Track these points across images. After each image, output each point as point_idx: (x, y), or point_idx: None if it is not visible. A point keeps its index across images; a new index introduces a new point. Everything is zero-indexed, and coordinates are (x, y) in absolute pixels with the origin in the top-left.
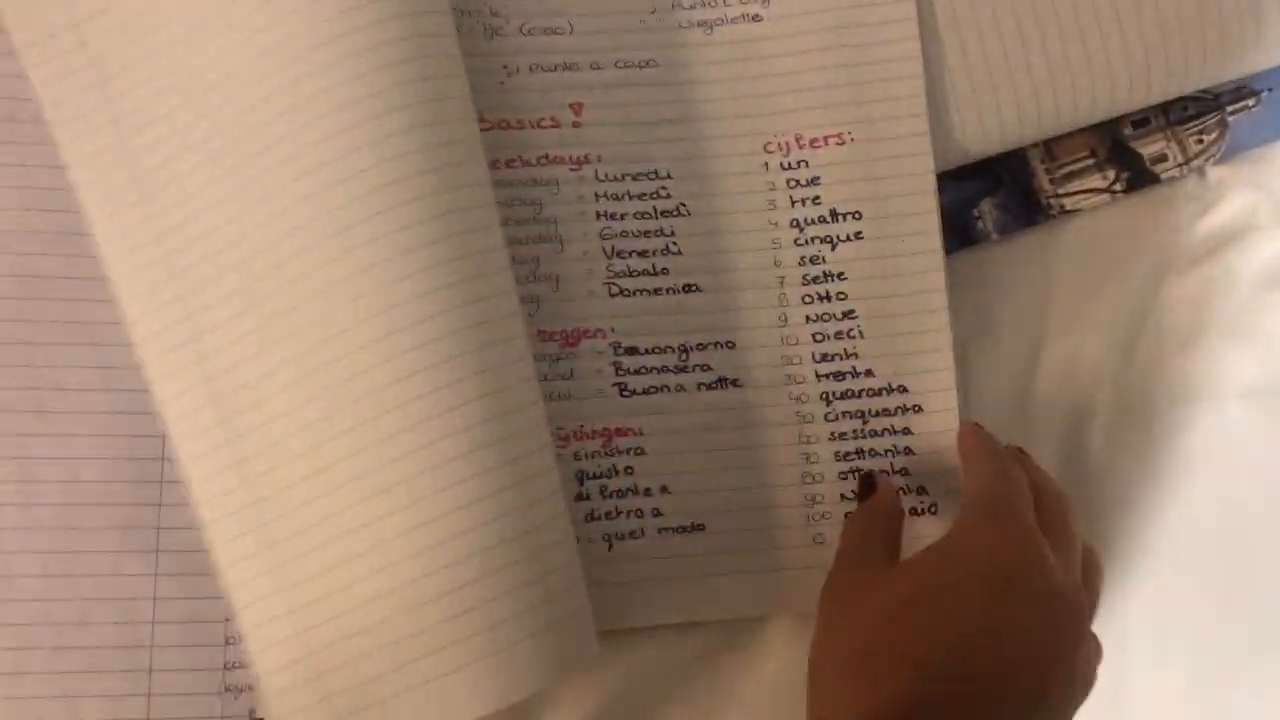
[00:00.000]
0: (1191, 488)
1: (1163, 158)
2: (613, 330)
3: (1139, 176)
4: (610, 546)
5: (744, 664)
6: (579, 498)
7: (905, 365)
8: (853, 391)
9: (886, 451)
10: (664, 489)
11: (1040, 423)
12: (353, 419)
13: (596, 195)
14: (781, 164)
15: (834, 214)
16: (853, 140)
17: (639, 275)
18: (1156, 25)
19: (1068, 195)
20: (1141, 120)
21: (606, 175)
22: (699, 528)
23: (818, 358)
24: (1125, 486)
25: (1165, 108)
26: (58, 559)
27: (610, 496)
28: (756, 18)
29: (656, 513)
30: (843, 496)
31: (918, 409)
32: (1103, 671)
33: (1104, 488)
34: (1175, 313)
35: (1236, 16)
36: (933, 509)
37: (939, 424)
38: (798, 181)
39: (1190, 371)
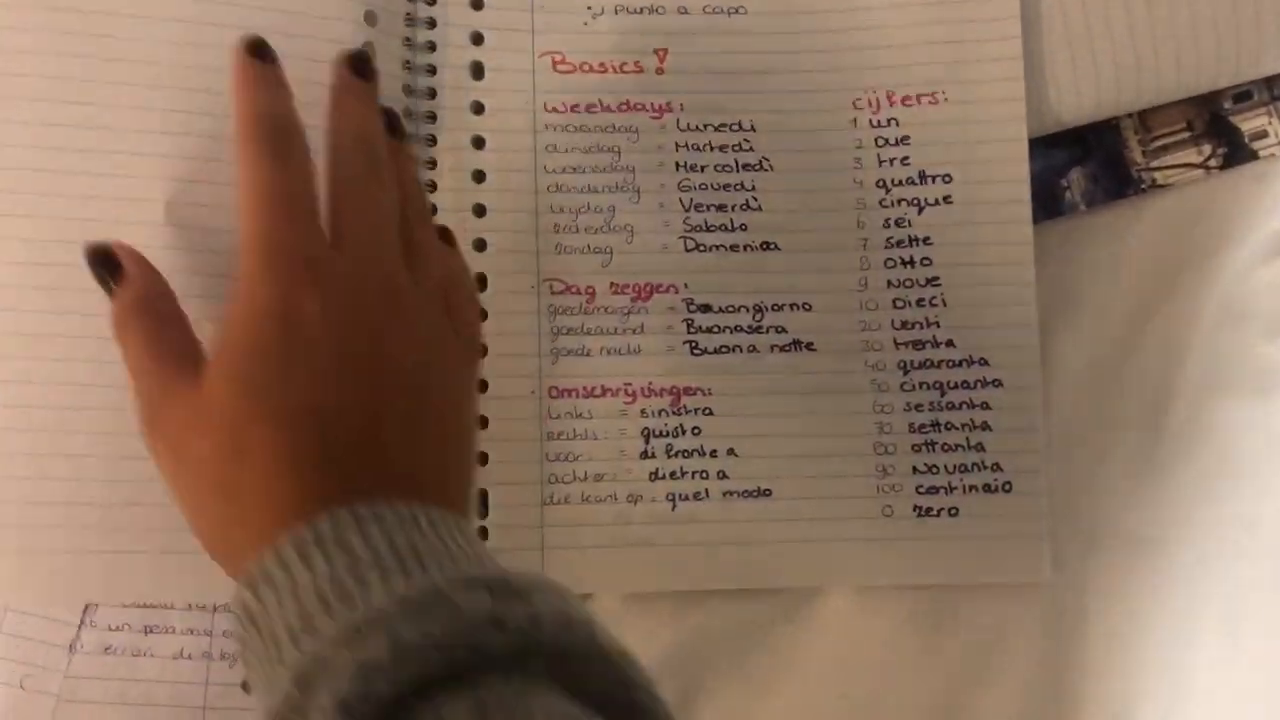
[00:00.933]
0: (1273, 478)
1: (1263, 134)
2: (686, 286)
3: (1236, 152)
4: (674, 507)
5: (799, 635)
6: (644, 455)
7: (988, 338)
8: (931, 361)
9: (963, 425)
10: (731, 451)
11: (1119, 404)
12: None
13: (677, 145)
14: (871, 121)
15: (922, 176)
16: (946, 100)
17: (716, 230)
18: None
19: (1160, 169)
20: (1243, 94)
21: (688, 125)
22: (765, 493)
23: (897, 325)
24: (1203, 474)
25: (1270, 82)
26: None
27: (676, 456)
28: None
29: (722, 475)
30: (914, 470)
31: (998, 383)
32: (1167, 666)
33: (1182, 473)
34: (1264, 297)
35: None
36: (1006, 487)
37: (1020, 401)
38: (886, 140)
39: (1275, 359)
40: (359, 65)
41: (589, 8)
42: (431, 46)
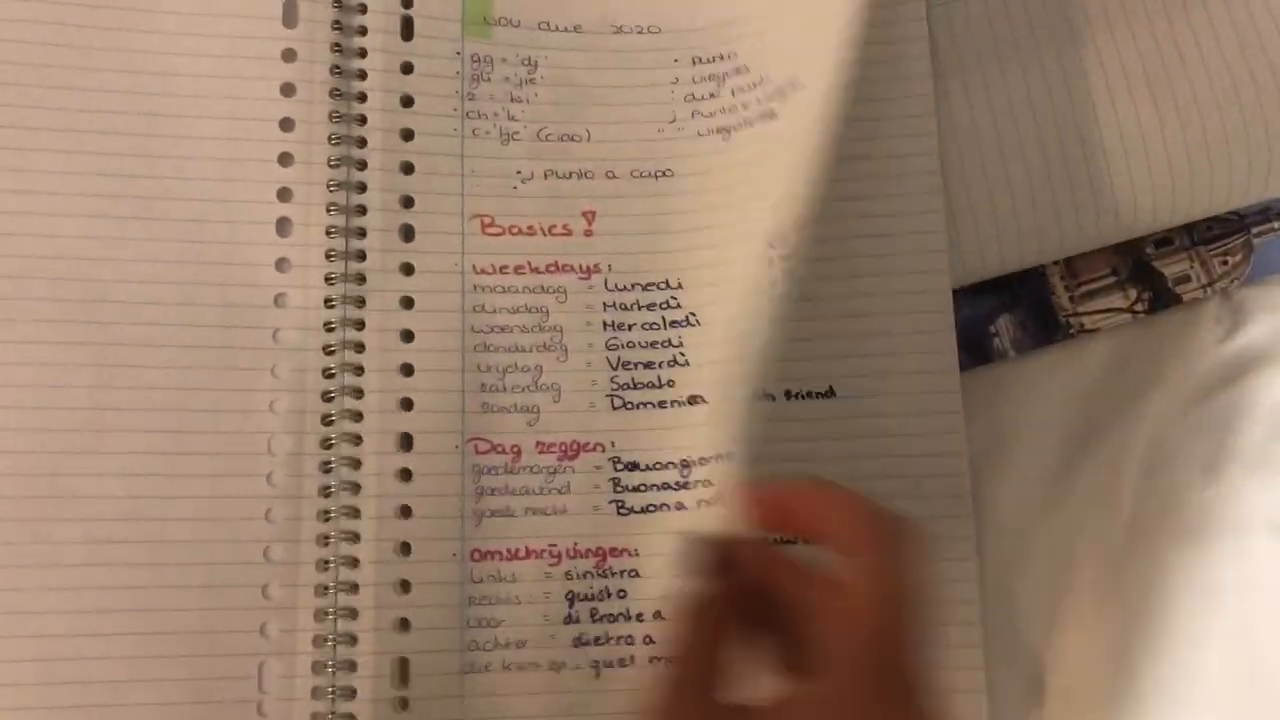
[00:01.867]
0: (1212, 625)
1: (1186, 278)
2: (613, 444)
3: (1161, 297)
4: (598, 674)
5: None
6: (567, 620)
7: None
8: None
9: None
10: (657, 615)
11: (1054, 550)
12: None
13: (604, 305)
14: None
15: None
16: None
17: (644, 387)
18: (1181, 147)
19: (1088, 314)
20: (1165, 239)
21: (616, 285)
22: None
23: None
24: (1137, 622)
25: (1190, 227)
26: None
27: (600, 621)
28: (772, 115)
29: (648, 640)
30: None
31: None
32: None
33: (1117, 621)
34: (1196, 440)
35: (1265, 141)
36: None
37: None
38: None
39: (1211, 502)
40: None
41: (518, 172)
42: (361, 210)
